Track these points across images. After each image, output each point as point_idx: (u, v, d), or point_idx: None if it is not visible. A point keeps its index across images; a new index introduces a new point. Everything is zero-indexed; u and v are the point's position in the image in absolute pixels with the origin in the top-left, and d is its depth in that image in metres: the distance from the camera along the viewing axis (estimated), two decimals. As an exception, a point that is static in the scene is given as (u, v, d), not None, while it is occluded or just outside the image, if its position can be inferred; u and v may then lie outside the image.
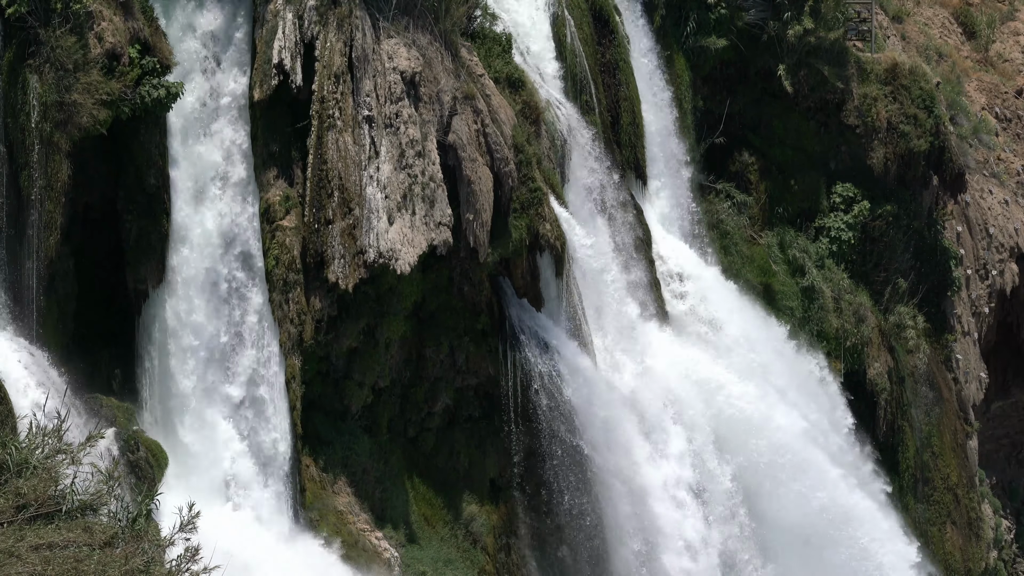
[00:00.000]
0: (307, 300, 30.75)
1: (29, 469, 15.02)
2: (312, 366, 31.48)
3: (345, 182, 30.79)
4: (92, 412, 27.01)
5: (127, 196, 28.45)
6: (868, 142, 45.19)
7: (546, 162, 35.40)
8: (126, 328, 29.12)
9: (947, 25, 56.95)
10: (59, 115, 26.69)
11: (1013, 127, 55.56)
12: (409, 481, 33.44)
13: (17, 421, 23.71)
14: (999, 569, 49.90)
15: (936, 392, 46.73)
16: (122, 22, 27.65)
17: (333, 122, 30.83)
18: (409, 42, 32.27)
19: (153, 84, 27.68)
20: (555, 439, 34.41)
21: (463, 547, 33.71)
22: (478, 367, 34.42)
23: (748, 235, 43.87)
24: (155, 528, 16.17)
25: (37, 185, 26.66)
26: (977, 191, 51.10)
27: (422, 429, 34.09)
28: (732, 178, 44.43)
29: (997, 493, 52.33)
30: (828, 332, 43.48)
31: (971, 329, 49.39)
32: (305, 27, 30.84)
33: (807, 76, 44.53)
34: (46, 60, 26.64)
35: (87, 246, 28.51)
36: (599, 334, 36.38)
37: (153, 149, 28.24)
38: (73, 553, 13.97)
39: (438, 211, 31.72)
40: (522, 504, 34.99)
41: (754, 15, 43.66)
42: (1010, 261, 51.68)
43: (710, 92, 44.09)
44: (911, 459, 45.24)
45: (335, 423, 32.31)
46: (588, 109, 38.15)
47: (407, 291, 32.70)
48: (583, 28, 38.77)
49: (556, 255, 34.63)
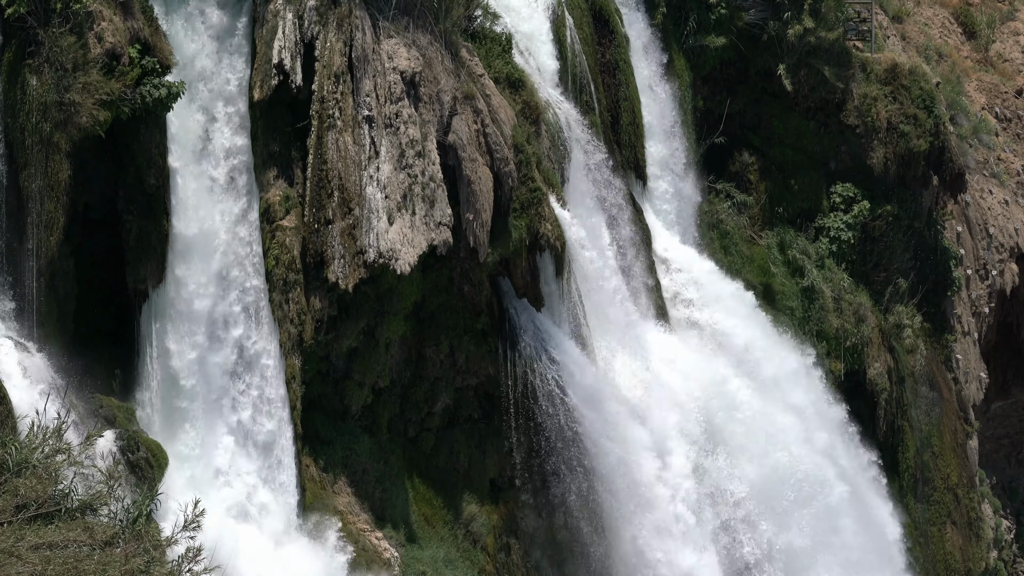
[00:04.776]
0: (307, 300, 30.74)
1: (29, 469, 15.02)
2: (312, 366, 31.46)
3: (345, 182, 30.78)
4: (92, 412, 26.99)
5: (127, 196, 28.43)
6: (868, 142, 45.19)
7: (546, 162, 35.38)
8: (126, 328, 29.10)
9: (947, 25, 56.95)
10: (59, 115, 26.67)
11: (1013, 127, 55.56)
12: (409, 481, 33.43)
13: (17, 421, 23.70)
14: (999, 569, 49.89)
15: (936, 392, 46.73)
16: (122, 22, 27.63)
17: (333, 122, 30.82)
18: (409, 42, 32.26)
19: (154, 84, 27.65)
20: (555, 439, 34.40)
21: (463, 547, 33.70)
22: (478, 367, 34.41)
23: (748, 235, 43.87)
24: (155, 528, 16.16)
25: (37, 185, 26.64)
26: (977, 191, 51.11)
27: (422, 429, 34.09)
28: (732, 178, 44.43)
29: (997, 493, 52.33)
30: (828, 332, 43.47)
31: (971, 329, 49.39)
32: (305, 27, 30.83)
33: (807, 76, 44.55)
34: (46, 60, 26.62)
35: (87, 246, 28.48)
36: (599, 334, 36.36)
37: (153, 149, 28.21)
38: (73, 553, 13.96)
39: (438, 211, 31.71)
40: (522, 504, 34.97)
41: (754, 15, 43.67)
42: (1010, 261, 51.68)
43: (710, 92, 44.09)
44: (911, 459, 45.23)
45: (335, 423, 32.30)
46: (588, 109, 38.15)
47: (407, 291, 32.69)
48: (583, 28, 38.76)
49: (556, 255, 34.62)
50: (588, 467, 34.76)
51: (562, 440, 34.44)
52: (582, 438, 34.60)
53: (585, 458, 34.68)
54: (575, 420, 34.45)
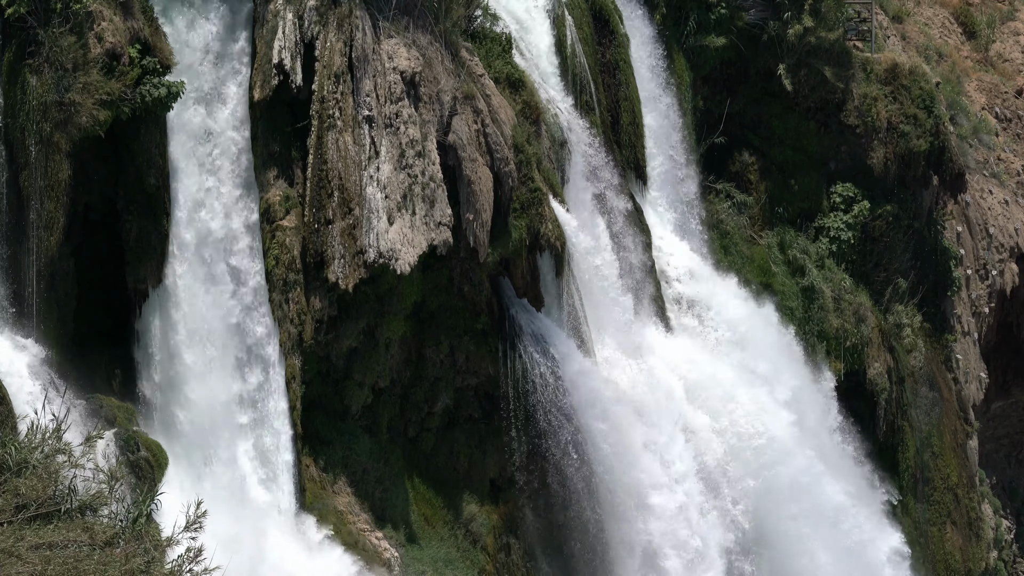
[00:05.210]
0: (307, 300, 30.74)
1: (29, 469, 15.02)
2: (312, 366, 31.46)
3: (345, 182, 30.78)
4: (92, 412, 27.00)
5: (127, 196, 28.43)
6: (868, 142, 45.18)
7: (546, 162, 35.38)
8: (126, 328, 29.11)
9: (947, 25, 56.95)
10: (59, 115, 26.68)
11: (1013, 127, 55.56)
12: (409, 481, 33.43)
13: (17, 421, 23.70)
14: (999, 569, 49.89)
15: (936, 392, 46.72)
16: (122, 22, 27.63)
17: (333, 122, 30.82)
18: (409, 42, 32.26)
19: (154, 84, 27.65)
20: (555, 439, 34.40)
21: (463, 547, 33.70)
22: (478, 367, 34.41)
23: (748, 235, 43.86)
24: (155, 528, 16.17)
25: (37, 185, 26.65)
26: (977, 191, 51.10)
27: (422, 429, 34.08)
28: (732, 178, 44.42)
29: (997, 493, 52.33)
30: (828, 332, 43.47)
31: (971, 329, 49.38)
32: (305, 27, 30.83)
33: (807, 76, 44.54)
34: (46, 60, 26.63)
35: (87, 246, 28.49)
36: (599, 333, 36.37)
37: (153, 149, 28.22)
38: (73, 553, 13.97)
39: (438, 211, 31.71)
40: (522, 504, 34.97)
41: (754, 15, 43.66)
42: (1010, 261, 51.67)
43: (710, 92, 44.08)
44: (911, 459, 45.23)
45: (335, 423, 32.30)
46: (588, 109, 38.14)
47: (407, 291, 32.69)
48: (583, 28, 38.76)
49: (556, 255, 34.63)
50: (588, 467, 34.75)
51: (562, 440, 34.44)
52: (582, 438, 34.60)
53: (585, 458, 34.69)
54: (575, 420, 34.45)
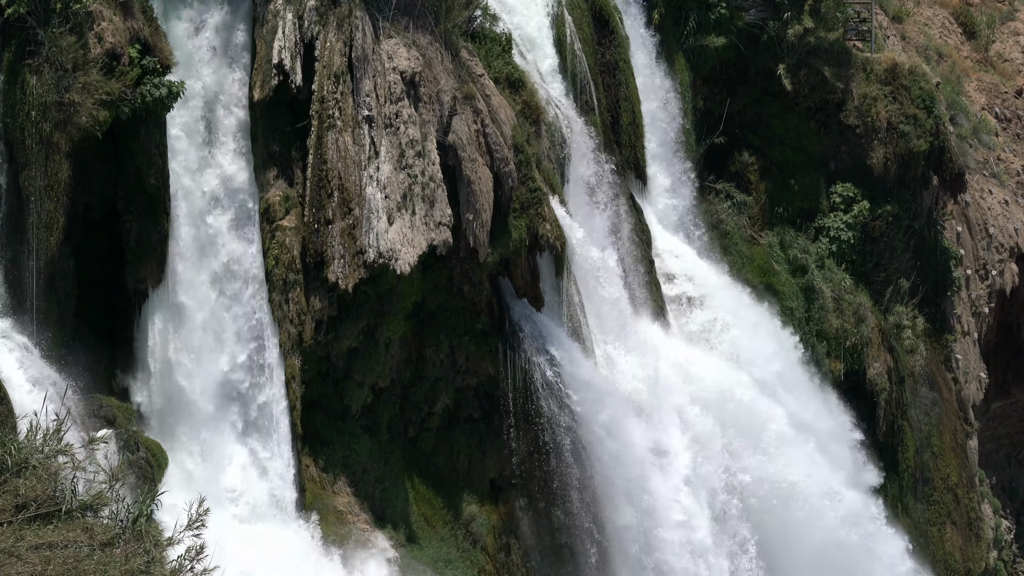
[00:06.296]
0: (307, 300, 30.74)
1: (29, 469, 15.01)
2: (312, 366, 31.46)
3: (345, 182, 30.78)
4: (92, 412, 26.99)
5: (127, 196, 28.42)
6: (868, 142, 45.18)
7: (546, 162, 35.39)
8: (126, 328, 29.10)
9: (947, 25, 56.94)
10: (59, 115, 26.68)
11: (1013, 127, 55.56)
12: (409, 481, 33.43)
13: (17, 421, 23.69)
14: (999, 569, 49.88)
15: (936, 392, 46.71)
16: (122, 22, 27.62)
17: (333, 122, 30.82)
18: (409, 42, 32.26)
19: (154, 83, 27.64)
20: (555, 439, 34.39)
21: (463, 547, 33.69)
22: (478, 367, 34.41)
23: (748, 235, 43.86)
24: (156, 528, 16.15)
25: (37, 185, 26.64)
26: (977, 191, 51.09)
27: (422, 429, 34.08)
28: (732, 178, 44.41)
29: (997, 493, 52.32)
30: (828, 332, 43.46)
31: (971, 329, 49.37)
32: (305, 27, 30.83)
33: (807, 76, 44.54)
34: (46, 60, 26.63)
35: (87, 246, 28.48)
36: (599, 333, 36.37)
37: (153, 149, 28.21)
38: (73, 553, 13.96)
39: (438, 211, 31.71)
40: (522, 504, 34.97)
41: (754, 15, 43.66)
42: (1010, 261, 51.67)
43: (710, 92, 44.07)
44: (911, 459, 45.22)
45: (335, 423, 32.29)
46: (588, 109, 38.15)
47: (407, 291, 32.69)
48: (583, 28, 38.77)
49: (556, 255, 34.63)
50: (588, 467, 34.75)
51: (562, 440, 34.43)
52: (582, 438, 34.60)
53: (585, 458, 34.68)
54: (575, 420, 34.45)
